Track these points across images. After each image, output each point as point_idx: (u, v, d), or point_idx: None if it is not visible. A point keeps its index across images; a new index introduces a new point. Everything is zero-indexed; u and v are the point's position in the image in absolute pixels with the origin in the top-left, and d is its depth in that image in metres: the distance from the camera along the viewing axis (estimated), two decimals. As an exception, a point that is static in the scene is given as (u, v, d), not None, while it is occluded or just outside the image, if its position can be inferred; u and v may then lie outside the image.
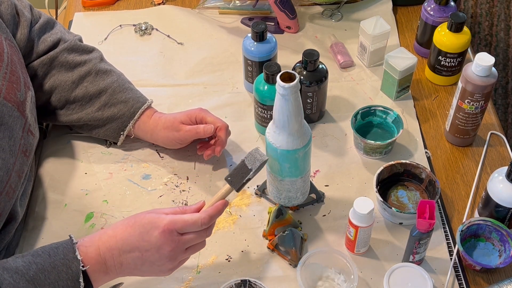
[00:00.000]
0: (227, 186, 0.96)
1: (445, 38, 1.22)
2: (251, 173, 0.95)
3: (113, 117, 1.14)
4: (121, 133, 1.15)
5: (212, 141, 1.14)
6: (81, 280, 0.87)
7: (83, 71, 1.14)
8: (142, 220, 0.91)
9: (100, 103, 1.13)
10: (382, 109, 1.18)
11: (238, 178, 0.96)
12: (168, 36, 1.41)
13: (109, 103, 1.13)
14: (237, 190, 0.96)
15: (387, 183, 1.12)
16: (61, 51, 1.13)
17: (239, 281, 0.98)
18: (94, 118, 1.14)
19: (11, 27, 1.07)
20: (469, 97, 1.10)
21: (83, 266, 0.87)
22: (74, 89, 1.13)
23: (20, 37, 1.09)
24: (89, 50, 1.18)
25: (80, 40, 1.19)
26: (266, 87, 1.14)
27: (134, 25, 1.43)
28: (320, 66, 1.17)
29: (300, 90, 0.91)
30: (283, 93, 0.88)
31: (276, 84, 0.88)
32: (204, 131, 1.10)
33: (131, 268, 0.92)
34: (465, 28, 1.22)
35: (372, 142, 1.13)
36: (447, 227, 1.08)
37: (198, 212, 0.93)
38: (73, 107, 1.14)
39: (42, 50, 1.13)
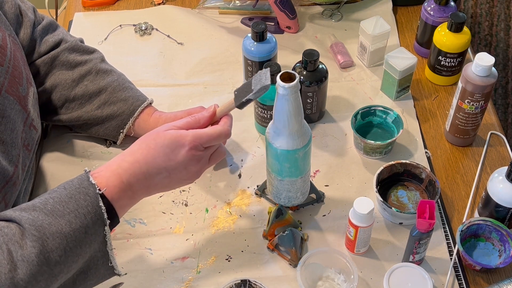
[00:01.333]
0: (231, 99, 0.95)
1: (445, 38, 1.22)
2: (251, 94, 0.93)
3: (112, 115, 1.13)
4: (121, 131, 1.14)
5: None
6: (101, 204, 0.84)
7: (84, 70, 1.14)
8: (164, 140, 0.90)
9: (100, 102, 1.13)
10: (382, 109, 1.18)
11: (241, 95, 0.94)
12: (168, 36, 1.41)
13: (108, 101, 1.13)
14: (238, 107, 0.95)
15: (387, 183, 1.12)
16: (62, 50, 1.14)
17: (239, 281, 0.98)
18: (93, 116, 1.14)
19: (14, 26, 1.08)
20: (469, 97, 1.10)
21: (99, 190, 0.84)
22: (74, 87, 1.13)
23: (23, 37, 1.10)
24: (91, 50, 1.18)
25: (82, 41, 1.20)
26: (266, 87, 1.14)
27: (134, 25, 1.43)
28: (320, 66, 1.17)
29: (300, 90, 0.91)
30: (283, 93, 0.88)
31: (276, 84, 0.88)
32: (203, 115, 0.99)
33: (158, 189, 0.92)
34: (465, 28, 1.22)
35: (372, 142, 1.13)
36: (447, 227, 1.08)
37: (212, 118, 0.96)
38: (72, 105, 1.14)
39: (44, 50, 1.13)
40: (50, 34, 1.15)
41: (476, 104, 1.11)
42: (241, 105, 0.95)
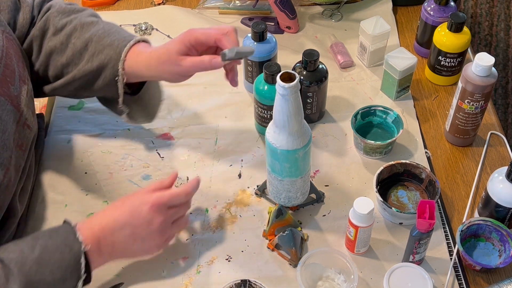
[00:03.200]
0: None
1: (445, 38, 1.22)
2: (235, 50, 0.96)
3: (102, 64, 1.04)
4: (116, 79, 1.04)
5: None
6: (82, 260, 0.89)
7: (69, 29, 1.06)
8: (130, 198, 0.96)
9: (89, 55, 1.05)
10: (382, 109, 1.18)
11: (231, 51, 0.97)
12: (168, 36, 1.41)
13: (96, 51, 1.04)
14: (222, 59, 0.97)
15: (387, 183, 1.12)
16: (49, 17, 1.08)
17: (239, 281, 0.98)
18: (86, 72, 1.05)
19: (13, 13, 1.06)
20: (469, 97, 1.10)
21: (85, 247, 0.90)
22: (64, 50, 1.06)
23: (22, 22, 1.07)
24: (79, 10, 1.11)
25: (71, 4, 1.13)
26: (266, 87, 1.14)
27: (134, 25, 1.43)
28: (320, 66, 1.17)
29: (300, 90, 0.91)
30: (283, 93, 0.88)
31: (276, 84, 0.88)
32: (211, 64, 0.98)
33: (122, 248, 0.94)
34: (465, 28, 1.22)
35: (372, 142, 1.13)
36: (447, 227, 1.08)
37: (173, 182, 1.01)
38: (69, 69, 1.06)
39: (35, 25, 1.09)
40: (43, 8, 1.11)
41: (476, 104, 1.11)
42: (223, 57, 0.97)
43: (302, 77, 1.16)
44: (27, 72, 1.05)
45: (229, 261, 1.04)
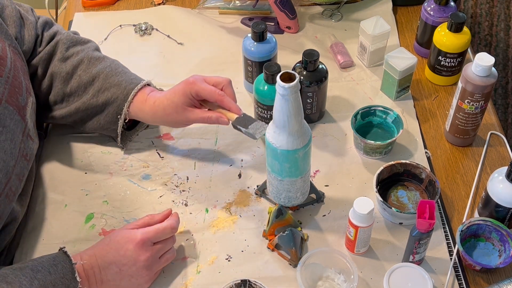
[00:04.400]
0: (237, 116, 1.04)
1: (445, 38, 1.22)
2: (243, 129, 1.02)
3: (107, 101, 1.11)
4: (118, 117, 1.12)
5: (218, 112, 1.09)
6: None
7: (76, 61, 1.12)
8: (116, 237, 0.97)
9: (94, 90, 1.11)
10: (382, 109, 1.18)
11: (241, 122, 1.03)
12: (168, 36, 1.41)
13: (102, 88, 1.11)
14: (233, 125, 1.04)
15: (387, 183, 1.12)
16: (56, 44, 1.13)
17: (239, 281, 0.98)
18: (90, 106, 1.12)
19: (18, 28, 1.08)
20: (469, 97, 1.10)
21: (80, 286, 0.92)
22: (69, 80, 1.12)
23: (28, 39, 1.10)
24: (84, 41, 1.17)
25: (76, 33, 1.19)
26: (266, 87, 1.14)
27: (134, 25, 1.43)
28: (320, 66, 1.17)
29: (300, 90, 0.91)
30: (283, 93, 0.88)
31: (276, 84, 0.88)
32: (219, 122, 1.06)
33: (111, 285, 0.96)
34: (465, 28, 1.22)
35: (372, 142, 1.13)
36: (447, 227, 1.08)
37: (165, 218, 1.02)
38: (71, 99, 1.12)
39: (41, 48, 1.13)
40: (46, 31, 1.15)
41: (476, 104, 1.11)
42: (234, 127, 1.04)
43: (302, 77, 1.16)
44: (31, 85, 1.07)
45: (229, 261, 1.04)
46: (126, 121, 1.13)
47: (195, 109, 1.07)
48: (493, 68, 1.07)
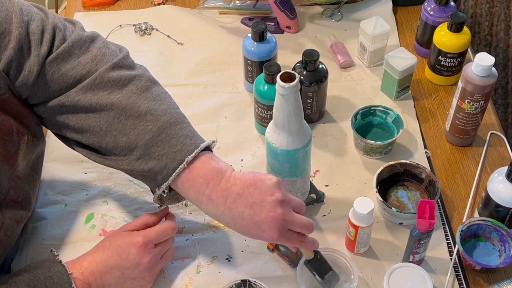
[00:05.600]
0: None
1: (445, 38, 1.22)
2: (320, 279, 0.96)
3: (144, 174, 0.91)
4: (156, 189, 0.93)
5: None
6: None
7: (112, 115, 0.90)
8: (117, 240, 0.96)
9: (132, 157, 0.90)
10: (382, 109, 1.18)
11: (316, 267, 0.96)
12: (168, 36, 1.41)
13: (140, 158, 0.90)
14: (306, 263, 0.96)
15: (387, 183, 1.12)
16: (77, 85, 0.91)
17: (239, 281, 0.98)
18: (125, 170, 0.93)
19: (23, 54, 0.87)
20: (469, 97, 1.10)
21: None
22: (103, 136, 0.91)
23: (30, 66, 0.88)
24: (131, 66, 0.95)
25: (125, 57, 0.96)
26: (266, 87, 1.14)
27: (134, 25, 1.43)
28: (320, 66, 1.17)
29: (300, 90, 0.91)
30: (283, 93, 0.88)
31: (276, 84, 0.88)
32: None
33: None
34: (465, 28, 1.22)
35: (372, 142, 1.13)
36: (447, 227, 1.08)
37: (162, 217, 1.01)
38: (111, 157, 0.93)
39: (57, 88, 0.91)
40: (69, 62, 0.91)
41: (476, 104, 1.11)
42: (307, 267, 0.96)
43: (302, 77, 1.16)
44: (25, 121, 0.91)
45: (229, 261, 1.04)
46: (164, 194, 0.93)
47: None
48: (493, 68, 1.07)
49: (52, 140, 1.21)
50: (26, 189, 0.96)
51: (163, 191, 0.91)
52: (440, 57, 1.25)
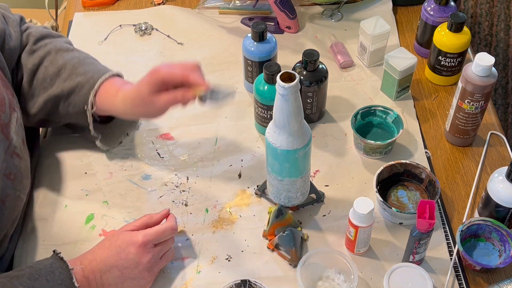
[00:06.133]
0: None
1: (445, 38, 1.22)
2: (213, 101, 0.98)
3: (72, 89, 1.06)
4: (85, 107, 1.06)
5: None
6: None
7: (43, 53, 1.09)
8: (117, 240, 0.96)
9: (60, 81, 1.07)
10: (382, 109, 1.18)
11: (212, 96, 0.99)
12: (168, 36, 1.41)
13: (68, 78, 1.07)
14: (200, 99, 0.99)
15: (387, 183, 1.12)
16: (26, 37, 1.10)
17: (239, 281, 0.98)
18: (57, 94, 1.07)
19: (4, 25, 1.05)
20: (469, 97, 1.10)
21: None
22: (35, 72, 1.08)
23: (15, 35, 1.07)
24: (54, 35, 1.13)
25: (46, 28, 1.15)
26: (266, 87, 1.14)
27: (134, 25, 1.43)
28: (320, 66, 1.17)
29: (300, 90, 0.91)
30: (283, 93, 0.88)
31: (276, 84, 0.88)
32: (184, 99, 0.99)
33: None
34: (465, 28, 1.22)
35: (372, 142, 1.13)
36: (447, 227, 1.08)
37: (163, 218, 1.02)
38: (38, 92, 1.08)
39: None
40: (22, 26, 1.12)
41: (476, 104, 1.11)
42: (201, 99, 0.99)
43: (302, 77, 1.16)
44: (16, 99, 1.03)
45: (229, 261, 1.04)
46: (93, 111, 1.06)
47: (161, 94, 1.00)
48: (493, 68, 1.07)
49: (52, 140, 1.21)
50: (20, 168, 0.99)
51: (91, 107, 1.05)
52: (440, 57, 1.25)
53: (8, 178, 0.96)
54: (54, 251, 0.94)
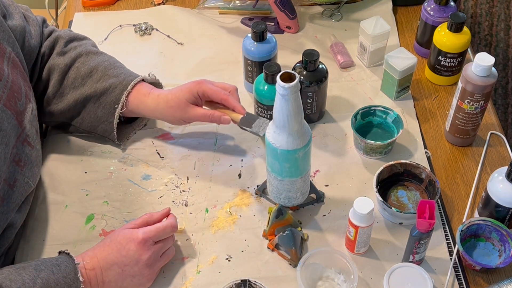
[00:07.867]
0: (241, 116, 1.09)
1: (445, 38, 1.22)
2: (248, 128, 1.08)
3: (105, 90, 1.12)
4: (116, 106, 1.13)
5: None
6: None
7: (74, 54, 1.14)
8: (117, 237, 0.98)
9: (92, 81, 1.13)
10: (382, 109, 1.18)
11: (245, 122, 1.09)
12: (168, 36, 1.41)
13: (101, 79, 1.13)
14: (239, 125, 1.10)
15: (387, 183, 1.12)
16: (55, 39, 1.16)
17: (239, 281, 0.98)
18: (88, 96, 1.13)
19: (25, 23, 1.09)
20: (469, 97, 1.10)
21: (83, 286, 0.93)
22: (67, 72, 1.13)
23: (35, 33, 1.12)
24: (82, 38, 1.20)
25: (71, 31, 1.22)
26: (266, 87, 1.14)
27: (134, 25, 1.43)
28: (320, 66, 1.17)
29: (300, 90, 0.91)
30: (283, 93, 0.88)
31: (276, 84, 0.88)
32: (221, 121, 1.10)
33: (113, 286, 0.96)
34: (465, 28, 1.22)
35: (372, 142, 1.13)
36: (447, 227, 1.08)
37: (164, 217, 1.03)
38: (69, 91, 1.13)
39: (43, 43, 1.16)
40: (45, 28, 1.18)
41: (476, 104, 1.11)
42: (240, 127, 1.10)
43: (302, 77, 1.16)
44: (32, 93, 1.07)
45: (229, 261, 1.04)
46: (122, 111, 1.13)
47: (197, 107, 1.10)
48: (493, 68, 1.07)
49: (52, 140, 1.21)
50: (31, 156, 1.01)
51: (120, 113, 1.12)
52: (440, 57, 1.25)
53: (18, 164, 0.98)
54: (59, 252, 0.96)
